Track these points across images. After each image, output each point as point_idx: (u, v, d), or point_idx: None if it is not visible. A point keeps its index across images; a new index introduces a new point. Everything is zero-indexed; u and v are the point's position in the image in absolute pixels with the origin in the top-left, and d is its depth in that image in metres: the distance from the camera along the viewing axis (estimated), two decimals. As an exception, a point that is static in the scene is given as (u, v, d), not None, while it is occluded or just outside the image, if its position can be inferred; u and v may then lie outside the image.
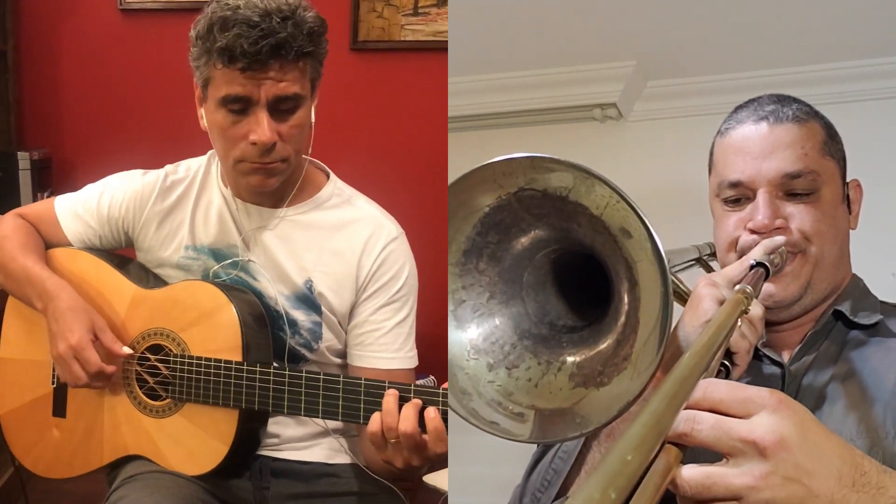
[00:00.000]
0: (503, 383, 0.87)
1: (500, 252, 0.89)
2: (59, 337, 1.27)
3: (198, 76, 1.24)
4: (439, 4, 2.60)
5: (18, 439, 1.45)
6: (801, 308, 1.11)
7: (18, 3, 2.71)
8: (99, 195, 1.41)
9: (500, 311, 0.90)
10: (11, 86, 2.67)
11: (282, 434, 1.37)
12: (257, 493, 1.35)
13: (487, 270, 0.90)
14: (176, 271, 1.38)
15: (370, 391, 1.15)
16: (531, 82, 2.26)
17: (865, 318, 1.09)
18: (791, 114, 1.10)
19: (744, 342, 0.88)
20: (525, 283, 0.92)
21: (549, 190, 0.81)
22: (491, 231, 0.87)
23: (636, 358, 0.80)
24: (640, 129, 2.29)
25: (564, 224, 0.85)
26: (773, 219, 1.07)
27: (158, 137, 2.59)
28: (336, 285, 1.32)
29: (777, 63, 2.11)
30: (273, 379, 1.22)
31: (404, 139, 2.67)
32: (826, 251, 1.09)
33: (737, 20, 2.01)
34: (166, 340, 1.32)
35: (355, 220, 1.34)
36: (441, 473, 1.92)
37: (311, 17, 1.20)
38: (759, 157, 1.09)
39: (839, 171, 1.13)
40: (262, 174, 1.24)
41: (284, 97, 1.20)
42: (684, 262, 1.25)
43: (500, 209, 0.85)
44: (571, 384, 0.85)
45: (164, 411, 1.32)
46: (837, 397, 1.02)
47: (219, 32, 1.16)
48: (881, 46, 2.05)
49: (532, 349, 0.89)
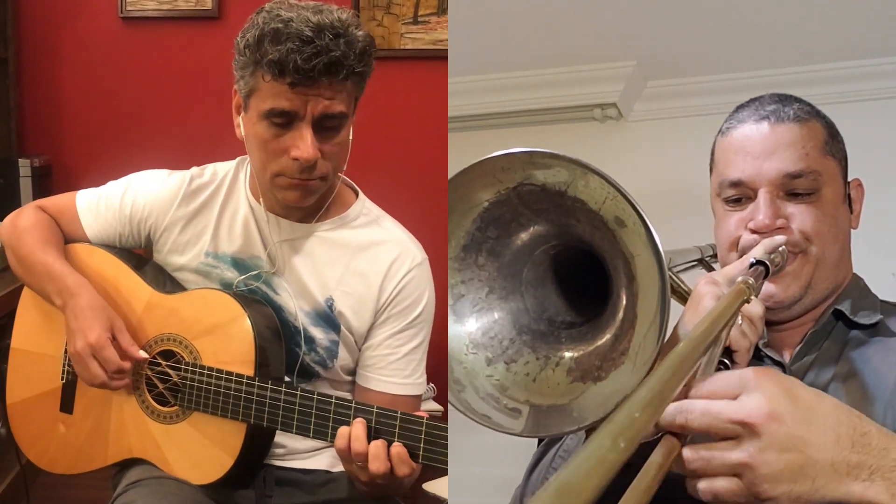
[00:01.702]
0: (501, 377, 0.87)
1: (499, 247, 0.89)
2: (77, 334, 1.25)
3: (241, 85, 1.21)
4: (439, 13, 2.60)
5: (25, 431, 1.44)
6: (801, 308, 1.10)
7: (19, 10, 2.71)
8: (122, 193, 1.38)
9: (499, 306, 0.91)
10: (12, 93, 2.68)
11: (288, 445, 1.35)
12: (260, 501, 1.34)
13: (487, 265, 0.90)
14: (194, 276, 1.35)
15: (381, 419, 1.13)
16: (531, 82, 2.26)
17: (866, 317, 1.09)
18: (792, 113, 1.10)
19: (744, 341, 0.88)
20: (524, 279, 0.92)
21: (548, 185, 0.81)
22: (490, 226, 0.87)
23: (634, 353, 0.80)
24: (640, 129, 2.29)
25: (563, 219, 0.85)
26: (773, 218, 1.07)
27: (159, 144, 2.59)
28: (357, 306, 1.30)
29: (777, 63, 2.11)
30: (284, 398, 1.20)
31: (403, 147, 2.67)
32: (827, 251, 1.09)
33: (737, 20, 2.01)
34: (179, 347, 1.31)
35: (381, 241, 1.32)
36: (440, 481, 1.92)
37: (362, 35, 1.18)
38: (760, 156, 1.08)
39: (840, 171, 1.13)
40: (301, 191, 1.22)
41: (331, 115, 1.18)
42: (686, 262, 1.25)
43: (499, 204, 0.85)
44: (569, 379, 0.85)
45: (171, 418, 1.31)
46: (839, 396, 1.01)
47: (270, 45, 1.13)
48: (881, 46, 2.05)
49: (531, 344, 0.89)
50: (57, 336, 1.35)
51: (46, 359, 1.41)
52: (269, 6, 1.18)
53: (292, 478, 1.36)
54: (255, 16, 1.18)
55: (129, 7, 2.69)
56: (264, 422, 1.22)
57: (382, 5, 2.62)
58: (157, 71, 2.72)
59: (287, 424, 1.20)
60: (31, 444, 1.44)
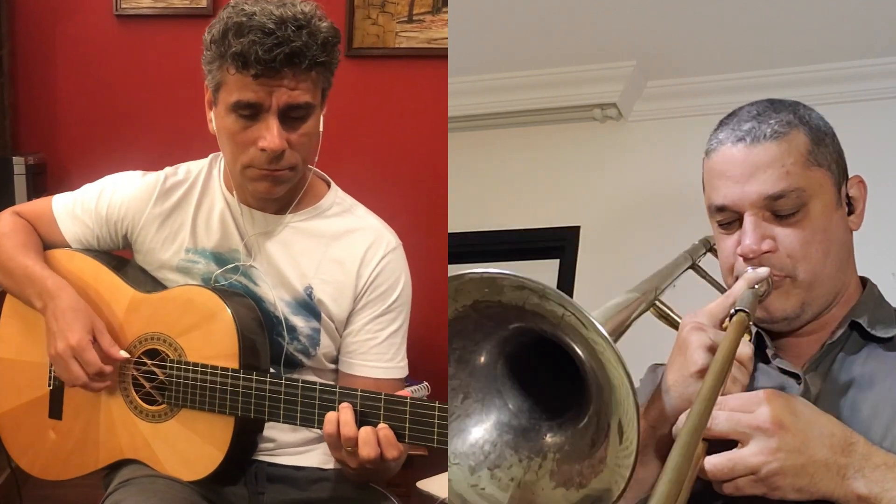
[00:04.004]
0: (486, 485, 0.89)
1: (466, 355, 0.91)
2: (58, 336, 1.26)
3: (209, 80, 1.24)
4: (434, 12, 2.59)
5: (15, 440, 1.44)
6: (802, 322, 1.10)
7: (14, 7, 2.70)
8: (97, 195, 1.39)
9: (477, 410, 0.92)
10: (7, 90, 2.66)
11: (277, 439, 1.36)
12: (252, 498, 1.35)
13: (457, 374, 0.91)
14: (176, 274, 1.37)
15: (365, 402, 1.15)
16: (531, 82, 2.26)
17: (883, 331, 1.08)
18: (769, 131, 1.07)
19: (735, 387, 0.94)
20: (499, 374, 0.93)
21: (505, 301, 0.83)
22: (454, 339, 0.89)
23: (612, 461, 0.82)
24: (640, 129, 2.29)
25: (528, 324, 0.86)
26: (759, 243, 1.06)
27: (154, 142, 2.58)
28: (336, 293, 1.32)
29: (777, 63, 2.12)
30: (269, 388, 1.21)
31: (399, 146, 2.66)
32: (817, 272, 1.07)
33: (737, 20, 2.01)
34: (163, 345, 1.31)
35: (356, 229, 1.35)
36: (435, 479, 1.91)
37: (326, 27, 1.20)
38: (741, 180, 1.07)
39: (830, 178, 1.10)
40: (270, 181, 1.24)
41: (296, 105, 1.20)
42: (675, 277, 1.21)
43: (458, 320, 0.87)
44: (553, 483, 0.88)
45: (159, 416, 1.31)
46: (850, 407, 1.02)
47: (233, 38, 1.16)
48: (881, 46, 2.05)
49: (512, 444, 0.91)
50: (41, 343, 1.34)
51: (32, 366, 1.41)
52: (235, 1, 1.21)
53: (284, 474, 1.37)
54: (222, 11, 1.21)
55: (124, 5, 2.67)
56: (251, 413, 1.23)
57: (377, 4, 2.61)
58: (152, 68, 2.70)
59: (274, 414, 1.22)
60: (23, 452, 1.44)
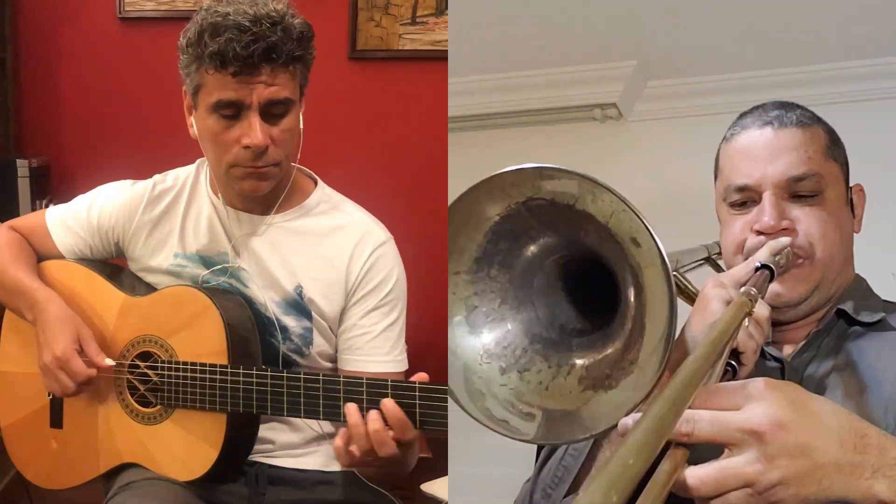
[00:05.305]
0: (515, 386, 0.90)
1: (510, 259, 0.92)
2: (45, 348, 1.28)
3: (188, 84, 1.25)
4: (437, 14, 2.60)
5: (19, 452, 1.45)
6: (808, 308, 1.12)
7: (17, 10, 2.71)
8: (89, 206, 1.42)
9: (512, 316, 0.93)
10: (10, 93, 2.68)
11: (276, 440, 1.37)
12: (253, 499, 1.35)
13: (499, 277, 0.92)
14: (166, 278, 1.38)
15: (349, 388, 1.17)
16: (531, 82, 2.26)
17: (868, 316, 1.11)
18: (795, 118, 1.13)
19: (751, 342, 0.90)
20: (536, 289, 0.94)
21: (557, 199, 0.83)
22: (501, 239, 0.90)
23: (643, 362, 0.82)
24: (640, 129, 2.29)
25: (572, 232, 0.87)
26: (779, 220, 1.09)
27: (157, 145, 2.57)
28: (326, 290, 1.33)
29: (777, 63, 2.11)
30: (256, 381, 1.23)
31: (402, 148, 2.67)
32: (833, 253, 1.11)
33: (737, 20, 2.01)
34: (155, 347, 1.33)
35: (343, 225, 1.35)
36: (439, 482, 1.91)
37: (299, 22, 1.22)
38: (765, 160, 1.11)
39: (842, 175, 1.16)
40: (255, 178, 1.25)
41: (276, 101, 1.21)
42: (693, 262, 1.26)
43: (509, 218, 0.87)
44: (581, 387, 0.88)
45: (155, 418, 1.32)
46: (836, 387, 1.04)
47: (210, 38, 1.17)
48: (881, 46, 2.05)
49: (542, 353, 0.92)
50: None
51: (31, 377, 1.41)
52: (207, 4, 1.22)
53: (286, 476, 1.37)
54: (195, 15, 1.23)
55: (128, 7, 2.69)
56: (240, 407, 1.23)
57: (380, 6, 2.62)
58: (156, 71, 2.69)
59: (262, 407, 1.23)
60: (27, 463, 1.45)
